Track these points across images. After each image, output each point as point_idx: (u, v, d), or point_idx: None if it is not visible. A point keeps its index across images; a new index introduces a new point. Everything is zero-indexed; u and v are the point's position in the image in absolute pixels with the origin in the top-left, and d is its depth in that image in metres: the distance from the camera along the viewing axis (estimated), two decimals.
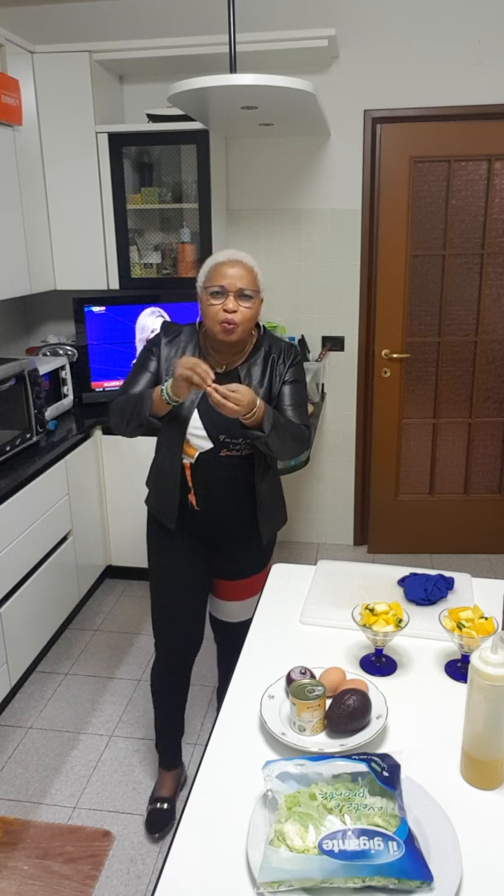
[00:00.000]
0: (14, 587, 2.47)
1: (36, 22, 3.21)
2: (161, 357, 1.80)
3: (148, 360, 1.82)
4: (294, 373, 1.83)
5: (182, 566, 1.93)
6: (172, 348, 1.80)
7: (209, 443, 1.77)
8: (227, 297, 1.66)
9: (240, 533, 1.91)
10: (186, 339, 1.81)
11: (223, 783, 1.13)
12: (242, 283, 1.66)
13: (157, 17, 3.16)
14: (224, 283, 1.65)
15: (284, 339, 1.88)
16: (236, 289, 1.66)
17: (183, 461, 1.80)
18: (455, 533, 3.71)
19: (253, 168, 3.33)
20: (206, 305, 1.69)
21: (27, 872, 1.89)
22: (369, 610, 1.39)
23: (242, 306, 1.67)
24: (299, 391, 1.84)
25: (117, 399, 1.80)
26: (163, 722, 2.12)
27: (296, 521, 3.84)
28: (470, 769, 1.12)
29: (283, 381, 1.81)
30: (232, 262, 1.68)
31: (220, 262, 1.69)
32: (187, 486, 1.83)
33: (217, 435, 1.76)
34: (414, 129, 3.16)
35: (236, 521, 1.89)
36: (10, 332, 3.48)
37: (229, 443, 1.77)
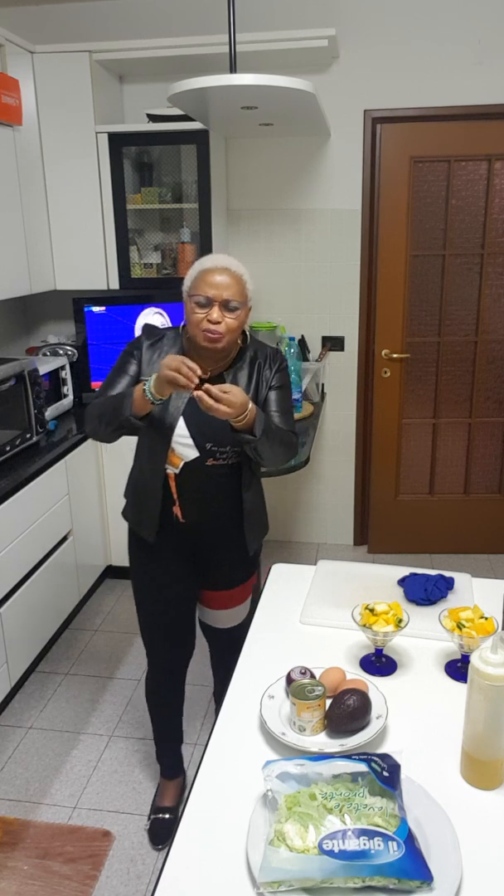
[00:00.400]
0: (14, 587, 2.47)
1: (36, 22, 3.21)
2: (142, 360, 1.73)
3: (127, 362, 1.74)
4: (280, 378, 1.77)
5: (166, 580, 1.86)
6: (154, 352, 1.73)
7: (195, 451, 1.69)
8: (212, 308, 1.58)
9: (226, 544, 1.85)
10: (169, 343, 1.74)
11: (223, 783, 1.13)
12: (229, 294, 1.58)
13: (157, 17, 3.16)
14: (210, 293, 1.57)
15: (270, 345, 1.82)
16: (222, 300, 1.57)
17: (167, 471, 1.73)
18: (455, 533, 3.71)
19: (253, 168, 3.33)
20: (191, 313, 1.61)
21: (27, 872, 1.89)
22: (369, 610, 1.39)
23: (228, 317, 1.59)
24: (285, 397, 1.78)
25: (93, 402, 1.71)
26: (161, 731, 2.09)
27: (296, 521, 3.84)
28: (470, 769, 1.12)
29: (270, 386, 1.75)
30: (220, 269, 1.60)
31: (206, 269, 1.60)
32: (171, 498, 1.75)
33: (204, 443, 1.69)
34: (414, 129, 3.16)
35: (222, 531, 1.82)
36: (10, 332, 3.48)
37: (216, 451, 1.70)
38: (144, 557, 1.87)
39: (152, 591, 1.89)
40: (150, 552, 1.85)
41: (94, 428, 1.71)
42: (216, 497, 1.77)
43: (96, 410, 1.69)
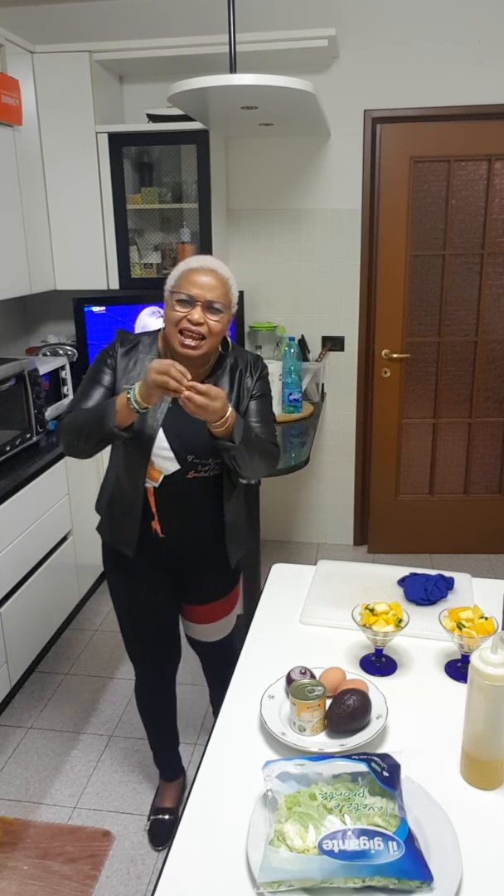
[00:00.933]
0: (14, 587, 2.47)
1: (36, 22, 3.21)
2: (117, 369, 1.64)
3: (101, 372, 1.65)
4: (261, 386, 1.72)
5: (146, 594, 1.82)
6: (130, 359, 1.65)
7: (176, 464, 1.64)
8: (194, 308, 1.52)
9: (206, 557, 1.81)
10: (145, 349, 1.66)
11: (223, 783, 1.13)
12: (213, 295, 1.52)
13: (157, 17, 3.16)
14: (193, 291, 1.51)
15: (250, 352, 1.76)
16: (205, 300, 1.52)
17: (146, 485, 1.67)
18: (455, 533, 3.71)
19: (253, 168, 3.33)
20: (170, 310, 1.54)
21: (27, 872, 1.89)
22: (369, 610, 1.39)
23: (210, 319, 1.53)
24: (266, 406, 1.73)
25: (68, 416, 1.62)
26: (155, 738, 2.08)
27: (296, 521, 3.84)
28: (470, 769, 1.12)
29: (251, 395, 1.70)
30: (205, 270, 1.54)
31: (192, 269, 1.55)
32: (150, 513, 1.70)
33: (185, 455, 1.63)
34: (414, 129, 3.16)
35: (203, 545, 1.78)
36: (10, 332, 3.48)
37: (198, 463, 1.65)
38: (122, 573, 1.82)
39: (132, 606, 1.85)
40: (128, 567, 1.79)
41: (71, 442, 1.61)
42: (197, 510, 1.72)
43: (73, 424, 1.59)
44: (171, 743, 2.11)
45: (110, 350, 1.68)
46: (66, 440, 1.62)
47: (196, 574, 1.84)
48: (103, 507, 1.81)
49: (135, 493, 1.68)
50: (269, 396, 1.76)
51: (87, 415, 1.57)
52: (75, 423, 1.59)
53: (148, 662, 1.94)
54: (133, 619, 1.87)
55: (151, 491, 1.68)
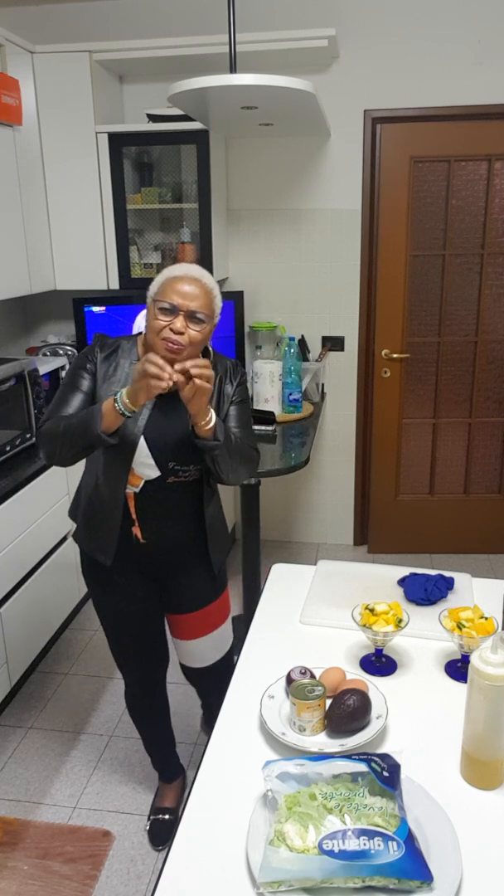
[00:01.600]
0: (14, 587, 2.47)
1: (36, 22, 3.21)
2: (97, 374, 1.62)
3: (80, 377, 1.62)
4: (240, 392, 1.71)
5: (128, 603, 1.80)
6: (110, 364, 1.62)
7: (157, 471, 1.63)
8: (176, 317, 1.49)
9: (188, 561, 1.79)
10: (125, 353, 1.64)
11: (223, 783, 1.13)
12: (196, 305, 1.50)
13: (157, 17, 3.16)
14: (176, 301, 1.49)
15: (229, 358, 1.74)
16: (188, 309, 1.49)
17: (127, 490, 1.65)
18: (455, 533, 3.71)
19: (253, 168, 3.33)
20: (153, 318, 1.52)
21: (27, 872, 1.89)
22: (369, 610, 1.40)
23: (192, 329, 1.50)
24: (245, 412, 1.72)
25: (46, 424, 1.58)
26: (151, 742, 2.06)
27: (296, 521, 3.84)
28: (470, 769, 1.12)
29: (231, 401, 1.69)
30: (189, 278, 1.51)
31: (175, 277, 1.52)
32: (130, 518, 1.67)
33: (166, 462, 1.63)
34: (414, 129, 3.16)
35: (184, 548, 1.76)
36: (10, 332, 3.48)
37: (179, 469, 1.64)
38: (103, 582, 1.79)
39: (116, 615, 1.82)
40: (109, 576, 1.77)
41: (53, 451, 1.57)
42: (177, 514, 1.71)
43: (54, 432, 1.56)
44: (167, 746, 2.10)
45: (89, 355, 1.64)
46: (46, 448, 1.59)
47: (179, 579, 1.81)
48: (80, 514, 1.76)
49: (114, 499, 1.66)
50: (248, 402, 1.75)
51: (70, 421, 1.54)
52: (57, 430, 1.55)
53: (135, 669, 1.91)
54: (116, 627, 1.85)
55: (132, 496, 1.66)
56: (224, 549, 1.85)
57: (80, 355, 1.66)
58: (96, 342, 1.67)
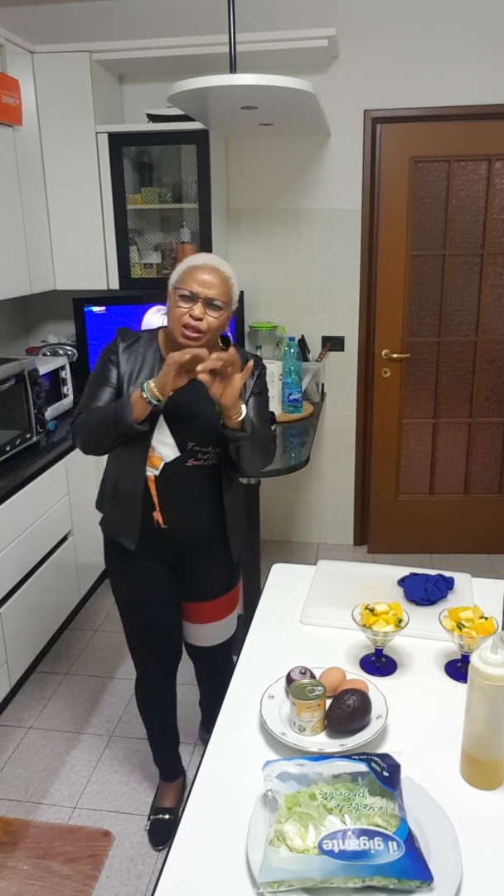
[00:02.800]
0: (14, 587, 2.47)
1: (36, 22, 3.21)
2: (120, 365, 1.70)
3: (107, 370, 1.71)
4: (260, 385, 1.77)
5: (149, 589, 1.84)
6: (132, 355, 1.71)
7: (176, 451, 1.68)
8: (195, 304, 1.58)
9: (209, 549, 1.83)
10: (145, 345, 1.72)
11: (223, 783, 1.13)
12: (214, 293, 1.58)
13: (157, 17, 3.16)
14: (195, 288, 1.57)
15: (249, 351, 1.78)
16: (206, 297, 1.57)
17: (147, 473, 1.70)
18: (455, 533, 3.71)
19: (253, 168, 3.33)
20: (173, 307, 1.61)
21: (27, 872, 1.89)
22: (369, 610, 1.39)
23: (210, 315, 1.59)
24: (264, 404, 1.78)
25: (79, 418, 1.69)
26: (156, 736, 2.08)
27: (296, 521, 3.84)
28: (470, 769, 1.12)
29: (251, 392, 1.76)
30: (208, 267, 1.60)
31: (195, 266, 1.60)
32: (151, 503, 1.73)
33: (185, 443, 1.68)
34: (414, 129, 3.16)
35: (204, 537, 1.81)
36: (10, 332, 3.48)
37: (198, 451, 1.69)
38: (125, 568, 1.83)
39: (136, 601, 1.86)
40: (132, 562, 1.81)
41: (87, 442, 1.68)
42: (197, 500, 1.75)
43: (88, 424, 1.66)
44: (171, 742, 2.11)
45: (112, 347, 1.73)
46: (81, 440, 1.69)
47: (198, 568, 1.86)
48: (106, 499, 1.82)
49: (136, 481, 1.71)
50: (267, 395, 1.81)
51: (102, 413, 1.64)
52: (91, 422, 1.66)
53: (150, 658, 1.94)
54: (134, 613, 1.88)
55: (152, 480, 1.71)
56: (242, 540, 1.91)
57: (105, 349, 1.74)
58: (118, 335, 1.75)
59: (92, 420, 1.66)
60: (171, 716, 2.07)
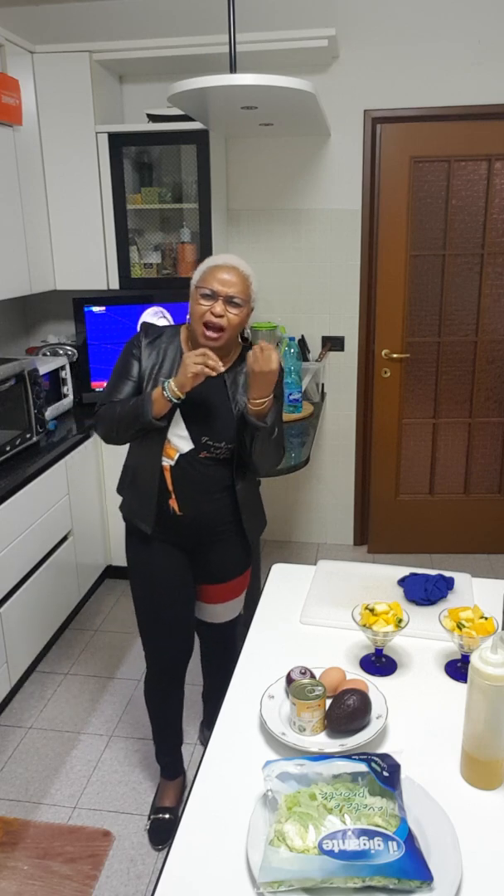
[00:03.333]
0: (14, 587, 2.47)
1: (36, 22, 3.21)
2: (142, 359, 1.77)
3: (129, 364, 1.78)
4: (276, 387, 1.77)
5: (166, 577, 1.89)
6: (154, 349, 1.77)
7: (190, 444, 1.75)
8: (216, 301, 1.65)
9: (223, 536, 1.89)
10: (167, 341, 1.79)
11: (223, 783, 1.13)
12: (234, 290, 1.66)
13: (157, 17, 3.16)
14: (215, 287, 1.65)
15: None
16: (226, 294, 1.65)
17: (163, 463, 1.77)
18: (455, 533, 3.71)
19: (253, 168, 3.33)
20: (195, 304, 1.68)
21: (27, 872, 1.89)
22: (369, 610, 1.40)
23: (230, 313, 1.66)
24: (279, 405, 1.81)
25: (104, 408, 1.77)
26: (161, 731, 2.09)
27: (296, 521, 3.84)
28: (470, 769, 1.12)
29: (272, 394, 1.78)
30: (228, 267, 1.68)
31: (216, 265, 1.69)
32: (167, 491, 1.79)
33: (199, 437, 1.74)
34: (414, 129, 3.16)
35: (219, 523, 1.86)
36: (10, 332, 3.48)
37: (210, 445, 1.75)
38: (143, 554, 1.89)
39: (152, 588, 1.90)
40: (149, 547, 1.87)
41: (108, 433, 1.76)
42: (210, 489, 1.80)
43: (110, 416, 1.74)
44: (175, 739, 2.12)
45: (135, 341, 1.79)
46: (103, 430, 1.78)
47: (212, 553, 1.92)
48: (125, 485, 1.90)
49: (153, 470, 1.78)
50: (282, 397, 1.87)
51: (124, 408, 1.72)
52: (113, 414, 1.74)
53: (162, 651, 1.97)
54: (153, 602, 1.91)
55: (168, 469, 1.77)
56: (259, 525, 1.97)
57: (128, 343, 1.81)
58: (142, 329, 1.81)
59: (114, 413, 1.73)
60: (177, 711, 2.09)
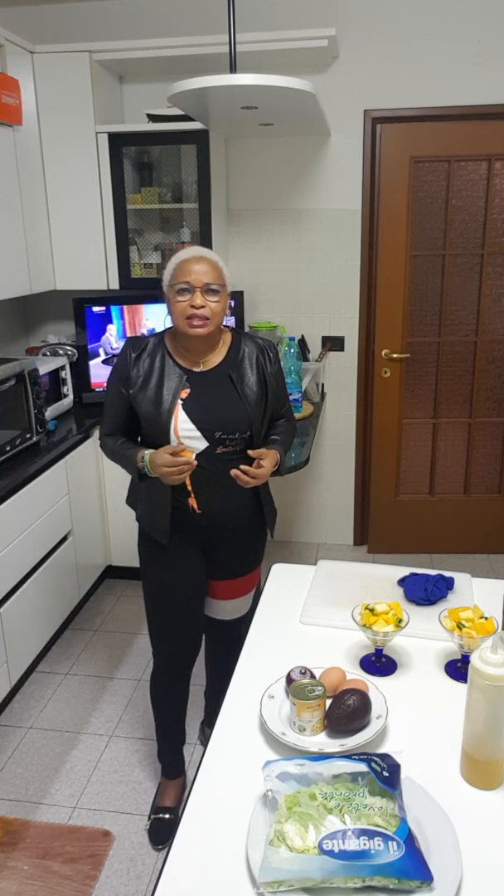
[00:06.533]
0: (14, 587, 2.47)
1: (36, 22, 3.21)
2: (131, 378, 1.76)
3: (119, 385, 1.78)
4: (277, 367, 1.85)
5: (180, 579, 1.89)
6: (141, 363, 1.76)
7: (204, 442, 1.73)
8: (193, 294, 1.65)
9: (241, 530, 1.90)
10: (153, 350, 1.78)
11: (223, 783, 1.13)
12: (209, 278, 1.66)
13: (157, 17, 3.16)
14: (190, 278, 1.65)
15: (257, 336, 1.86)
16: (202, 284, 1.65)
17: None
18: (455, 533, 3.71)
19: (253, 168, 3.33)
20: (174, 303, 1.68)
21: (27, 872, 1.89)
22: (369, 610, 1.40)
23: (210, 301, 1.67)
24: (283, 383, 1.89)
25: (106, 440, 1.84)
26: (164, 730, 2.09)
27: (296, 521, 3.84)
28: (470, 769, 1.12)
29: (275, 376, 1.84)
30: (197, 258, 1.68)
31: (184, 260, 1.68)
32: (186, 490, 1.78)
33: (213, 432, 1.73)
34: (414, 129, 3.16)
35: (239, 517, 1.87)
36: (10, 332, 3.48)
37: (226, 438, 1.74)
38: (158, 557, 1.89)
39: (164, 590, 1.91)
40: (164, 552, 1.87)
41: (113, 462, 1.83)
42: (230, 483, 1.77)
43: (110, 451, 1.82)
44: (178, 737, 2.12)
45: (123, 359, 1.79)
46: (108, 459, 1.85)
47: (227, 548, 1.92)
48: (139, 495, 1.88)
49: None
50: (283, 373, 1.91)
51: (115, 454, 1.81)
52: (112, 452, 1.82)
53: (170, 650, 1.97)
54: (165, 605, 1.91)
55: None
56: (274, 515, 2.00)
57: (116, 363, 1.81)
58: (127, 346, 1.80)
59: (112, 452, 1.82)
60: (181, 708, 2.09)
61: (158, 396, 1.73)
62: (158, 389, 1.73)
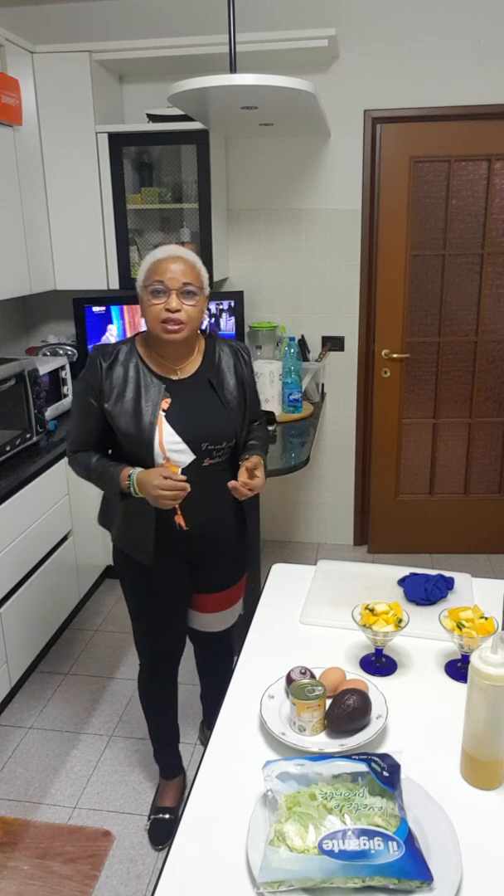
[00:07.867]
0: (14, 587, 2.47)
1: (36, 22, 3.21)
2: (104, 390, 1.64)
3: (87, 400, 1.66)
4: (251, 370, 1.80)
5: (166, 600, 1.83)
6: (113, 373, 1.65)
7: (191, 455, 1.65)
8: (169, 296, 1.55)
9: (226, 543, 1.84)
10: (126, 357, 1.66)
11: (223, 783, 1.13)
12: (186, 278, 1.55)
13: (157, 17, 3.16)
14: (165, 278, 1.54)
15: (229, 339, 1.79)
16: (179, 285, 1.55)
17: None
18: (455, 533, 3.71)
19: (253, 168, 3.33)
20: (148, 306, 1.58)
21: (27, 872, 1.89)
22: (369, 610, 1.39)
23: (186, 304, 1.57)
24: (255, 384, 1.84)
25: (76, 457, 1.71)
26: (157, 730, 2.07)
27: (296, 521, 3.84)
28: (470, 769, 1.12)
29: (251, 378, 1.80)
30: (173, 257, 1.57)
31: (160, 259, 1.58)
32: (173, 509, 1.68)
33: (199, 444, 1.65)
34: (414, 129, 3.16)
35: (225, 530, 1.81)
36: (10, 332, 3.48)
37: (212, 449, 1.67)
38: (139, 579, 1.81)
39: (149, 608, 1.85)
40: (146, 572, 1.78)
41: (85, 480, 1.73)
42: (219, 496, 1.74)
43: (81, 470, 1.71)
44: (172, 738, 2.11)
45: (92, 371, 1.66)
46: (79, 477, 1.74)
47: (212, 562, 1.86)
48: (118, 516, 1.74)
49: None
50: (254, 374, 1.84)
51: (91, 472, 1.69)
52: (86, 470, 1.70)
53: (155, 655, 1.94)
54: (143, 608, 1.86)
55: None
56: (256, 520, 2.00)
57: (83, 376, 1.68)
58: (96, 355, 1.67)
59: (87, 468, 1.69)
60: (172, 710, 2.07)
61: (137, 409, 1.62)
62: (136, 402, 1.63)
